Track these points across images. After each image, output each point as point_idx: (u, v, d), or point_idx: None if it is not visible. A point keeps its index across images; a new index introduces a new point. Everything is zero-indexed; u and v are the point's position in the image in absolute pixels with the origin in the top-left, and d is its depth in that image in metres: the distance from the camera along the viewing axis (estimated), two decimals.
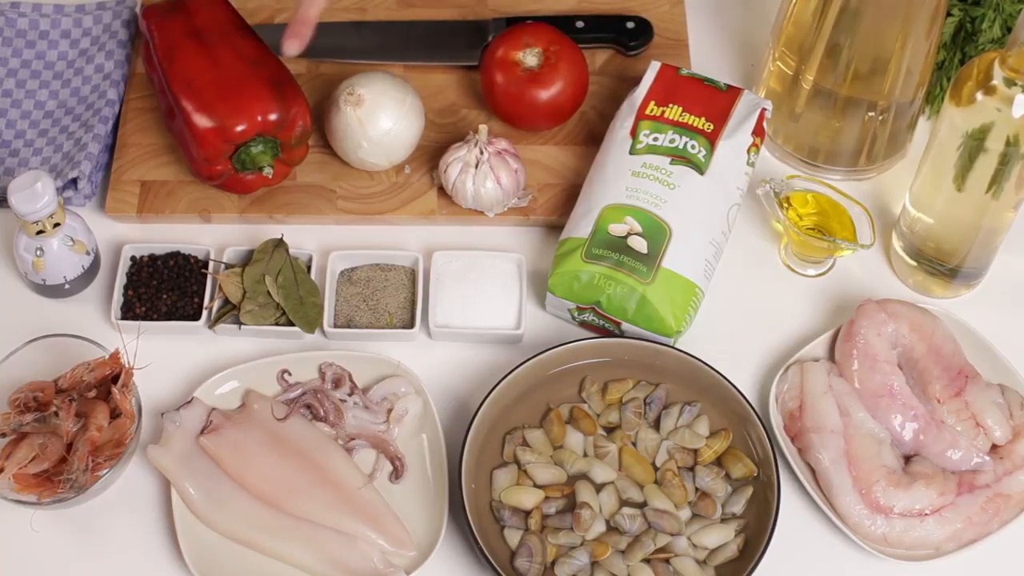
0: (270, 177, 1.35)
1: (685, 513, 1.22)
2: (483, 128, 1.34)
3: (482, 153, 1.34)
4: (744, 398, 1.25)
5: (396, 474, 1.25)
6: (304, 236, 1.38)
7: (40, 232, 1.27)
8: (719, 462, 1.25)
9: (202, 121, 1.30)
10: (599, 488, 1.23)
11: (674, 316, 1.27)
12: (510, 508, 1.22)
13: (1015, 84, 1.16)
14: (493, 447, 1.25)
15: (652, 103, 1.36)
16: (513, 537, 1.21)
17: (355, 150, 1.37)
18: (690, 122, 1.34)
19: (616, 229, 1.29)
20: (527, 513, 1.22)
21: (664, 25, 1.51)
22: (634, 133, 1.34)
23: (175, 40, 1.35)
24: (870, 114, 1.37)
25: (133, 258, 1.35)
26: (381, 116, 1.35)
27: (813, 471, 1.24)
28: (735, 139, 1.33)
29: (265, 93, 1.31)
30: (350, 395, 1.27)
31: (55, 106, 1.45)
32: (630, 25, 1.49)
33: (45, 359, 1.25)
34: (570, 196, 1.37)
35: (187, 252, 1.35)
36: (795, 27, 1.35)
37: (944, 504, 1.22)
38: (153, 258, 1.35)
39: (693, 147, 1.32)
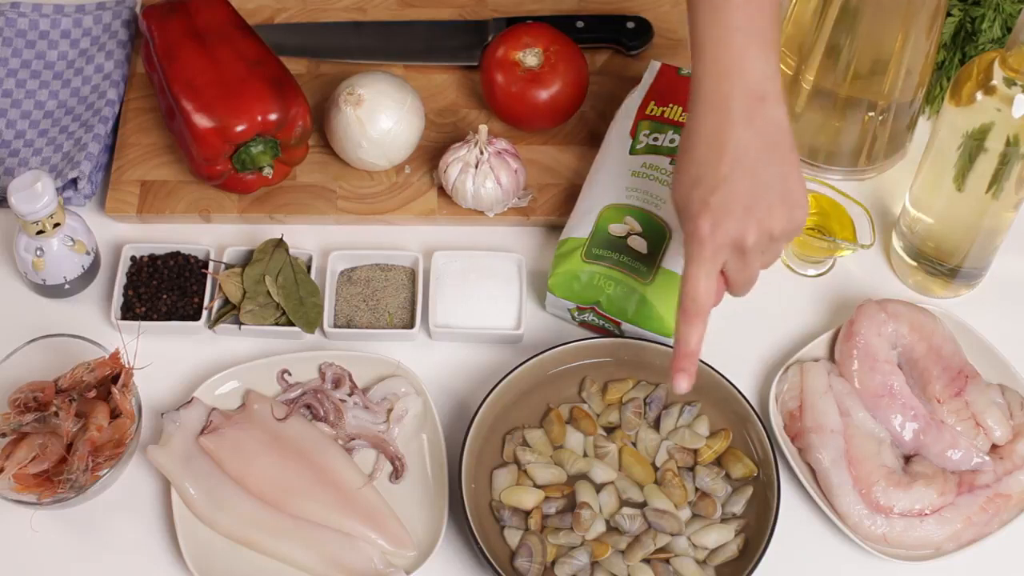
0: (270, 177, 1.35)
1: (685, 513, 1.22)
2: (483, 128, 1.34)
3: (482, 153, 1.34)
4: (744, 398, 1.25)
5: (396, 474, 1.25)
6: (304, 236, 1.38)
7: (40, 232, 1.27)
8: (719, 462, 1.25)
9: (202, 121, 1.30)
10: (599, 488, 1.23)
11: (674, 316, 1.27)
12: (510, 508, 1.22)
13: (1015, 84, 1.16)
14: (493, 447, 1.25)
15: (652, 103, 1.36)
16: (513, 537, 1.21)
17: (355, 150, 1.37)
18: None
19: (616, 229, 1.29)
20: (527, 513, 1.22)
21: (664, 25, 1.51)
22: (634, 133, 1.34)
23: (175, 40, 1.35)
24: (870, 114, 1.37)
25: (133, 258, 1.35)
26: (381, 116, 1.35)
27: (813, 471, 1.24)
28: None
29: (265, 93, 1.31)
30: (350, 395, 1.27)
31: (55, 106, 1.45)
32: (630, 25, 1.49)
33: (45, 359, 1.25)
34: (570, 196, 1.37)
35: (187, 252, 1.35)
36: (795, 27, 1.35)
37: (944, 504, 1.22)
38: (153, 258, 1.35)
39: None
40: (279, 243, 1.33)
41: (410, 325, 1.32)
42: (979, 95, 1.19)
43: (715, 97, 1.08)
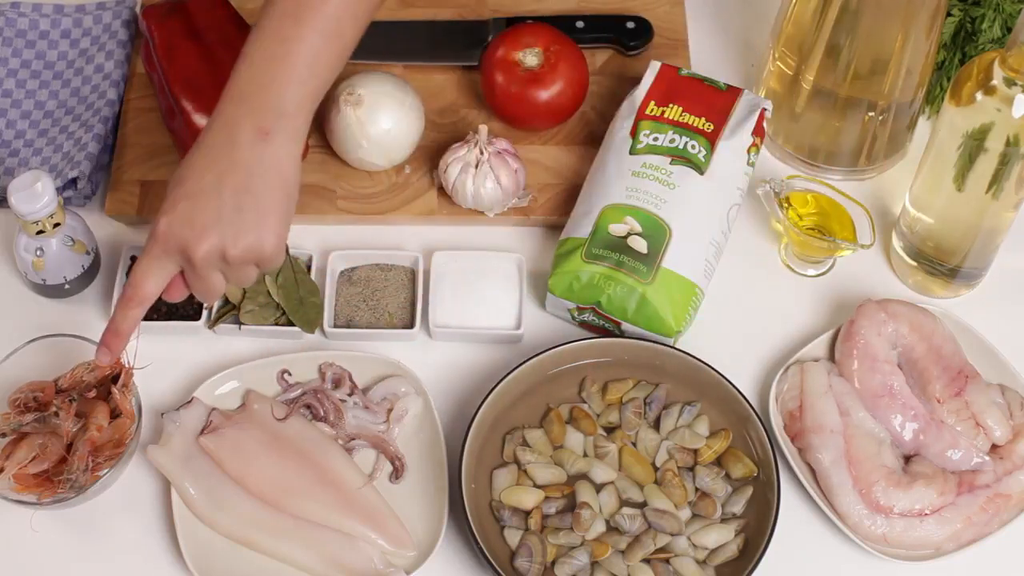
0: None
1: (685, 513, 1.22)
2: (483, 128, 1.34)
3: (482, 153, 1.34)
4: (744, 398, 1.25)
5: (396, 474, 1.25)
6: (304, 236, 1.38)
7: (40, 232, 1.27)
8: (719, 462, 1.25)
9: (202, 121, 1.30)
10: (599, 488, 1.23)
11: (674, 316, 1.27)
12: (510, 508, 1.22)
13: (1015, 84, 1.16)
14: (493, 447, 1.25)
15: (652, 103, 1.36)
16: (513, 537, 1.21)
17: (355, 150, 1.37)
18: (690, 122, 1.34)
19: (616, 229, 1.29)
20: (527, 513, 1.22)
21: (664, 25, 1.51)
22: (634, 133, 1.34)
23: (175, 40, 1.35)
24: (870, 114, 1.37)
25: (133, 258, 1.35)
26: (381, 116, 1.35)
27: (813, 471, 1.24)
28: (735, 139, 1.33)
29: None
30: (350, 395, 1.27)
31: (55, 106, 1.45)
32: (630, 25, 1.49)
33: (45, 359, 1.25)
34: (570, 196, 1.37)
35: None
36: (795, 27, 1.35)
37: (944, 504, 1.22)
38: None
39: (693, 147, 1.32)
40: None
41: (410, 325, 1.32)
42: (979, 95, 1.19)
43: (229, 115, 1.10)
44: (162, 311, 1.31)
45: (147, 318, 1.31)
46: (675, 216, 1.29)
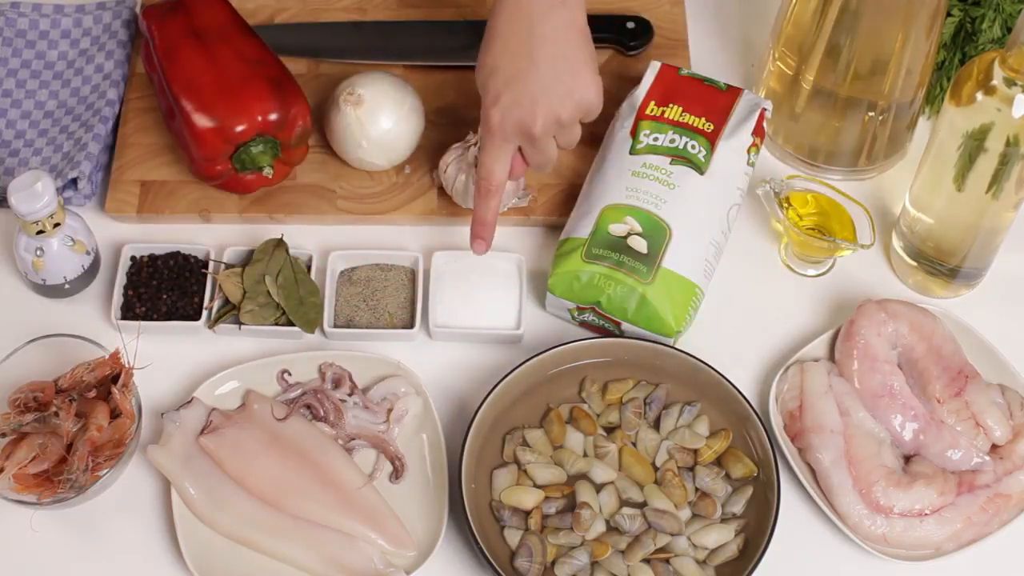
0: (270, 177, 1.35)
1: (685, 513, 1.22)
2: None
3: None
4: (744, 398, 1.25)
5: (396, 474, 1.25)
6: (304, 236, 1.38)
7: (40, 232, 1.27)
8: (719, 462, 1.25)
9: (202, 121, 1.30)
10: (599, 488, 1.23)
11: (674, 316, 1.27)
12: (510, 508, 1.22)
13: (1015, 84, 1.16)
14: (493, 447, 1.25)
15: (652, 103, 1.35)
16: (513, 537, 1.21)
17: (355, 150, 1.37)
18: (690, 122, 1.34)
19: (616, 229, 1.29)
20: (527, 513, 1.22)
21: (664, 25, 1.51)
22: (634, 133, 1.34)
23: (175, 40, 1.35)
24: (870, 114, 1.37)
25: (133, 258, 1.35)
26: (381, 116, 1.35)
27: (813, 471, 1.24)
28: (735, 139, 1.33)
29: (265, 93, 1.31)
30: (350, 395, 1.27)
31: (55, 106, 1.45)
32: (630, 25, 1.49)
33: (45, 359, 1.25)
34: (570, 196, 1.37)
35: (187, 252, 1.35)
36: (795, 27, 1.35)
37: (944, 504, 1.22)
38: (153, 258, 1.35)
39: (693, 147, 1.32)
40: (279, 243, 1.33)
41: (410, 325, 1.32)
42: (979, 95, 1.19)
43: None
44: (162, 311, 1.31)
45: (147, 318, 1.31)
46: (675, 216, 1.29)
